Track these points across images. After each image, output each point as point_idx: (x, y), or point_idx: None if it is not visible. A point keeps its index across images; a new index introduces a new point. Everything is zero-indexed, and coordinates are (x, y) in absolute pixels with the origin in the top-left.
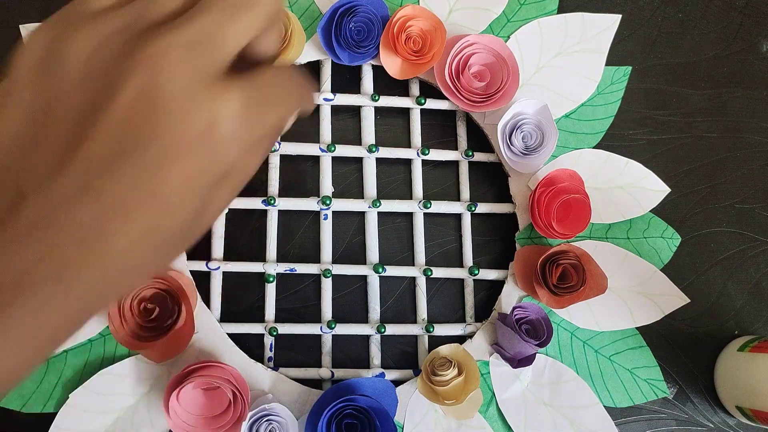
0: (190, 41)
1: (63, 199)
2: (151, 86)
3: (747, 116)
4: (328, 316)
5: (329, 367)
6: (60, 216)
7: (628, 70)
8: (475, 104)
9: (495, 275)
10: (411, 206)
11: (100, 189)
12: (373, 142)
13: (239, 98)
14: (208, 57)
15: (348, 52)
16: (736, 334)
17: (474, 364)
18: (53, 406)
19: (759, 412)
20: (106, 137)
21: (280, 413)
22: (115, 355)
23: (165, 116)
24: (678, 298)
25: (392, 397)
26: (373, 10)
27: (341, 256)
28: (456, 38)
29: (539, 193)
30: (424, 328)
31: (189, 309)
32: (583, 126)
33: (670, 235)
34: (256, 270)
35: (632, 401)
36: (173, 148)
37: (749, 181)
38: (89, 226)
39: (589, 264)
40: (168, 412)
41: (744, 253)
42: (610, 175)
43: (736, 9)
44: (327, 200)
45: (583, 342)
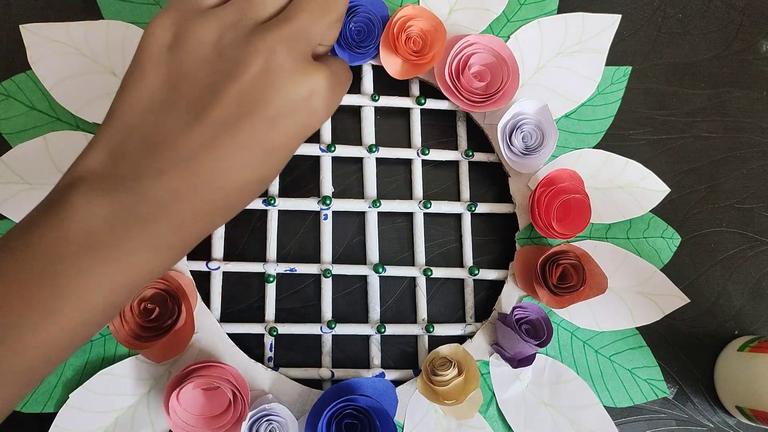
0: (292, 35)
1: (198, 145)
2: (267, 67)
3: (747, 116)
4: (328, 316)
5: (329, 367)
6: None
7: (628, 70)
8: (475, 104)
9: (495, 275)
10: (411, 206)
11: (227, 139)
12: (373, 142)
13: (328, 77)
14: (304, 46)
15: (348, 52)
16: (736, 334)
17: (474, 364)
18: (53, 406)
19: (759, 412)
20: (233, 101)
21: (280, 413)
22: (115, 355)
23: (279, 88)
24: (678, 298)
25: (392, 397)
26: (373, 10)
27: (341, 256)
28: (456, 38)
29: (539, 193)
30: (424, 328)
31: (189, 309)
32: (583, 126)
33: (670, 235)
34: (256, 270)
35: (632, 401)
36: (286, 109)
37: (749, 181)
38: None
39: (589, 264)
40: (168, 412)
41: (744, 253)
42: (610, 175)
43: (736, 9)
44: (327, 200)
45: (583, 342)
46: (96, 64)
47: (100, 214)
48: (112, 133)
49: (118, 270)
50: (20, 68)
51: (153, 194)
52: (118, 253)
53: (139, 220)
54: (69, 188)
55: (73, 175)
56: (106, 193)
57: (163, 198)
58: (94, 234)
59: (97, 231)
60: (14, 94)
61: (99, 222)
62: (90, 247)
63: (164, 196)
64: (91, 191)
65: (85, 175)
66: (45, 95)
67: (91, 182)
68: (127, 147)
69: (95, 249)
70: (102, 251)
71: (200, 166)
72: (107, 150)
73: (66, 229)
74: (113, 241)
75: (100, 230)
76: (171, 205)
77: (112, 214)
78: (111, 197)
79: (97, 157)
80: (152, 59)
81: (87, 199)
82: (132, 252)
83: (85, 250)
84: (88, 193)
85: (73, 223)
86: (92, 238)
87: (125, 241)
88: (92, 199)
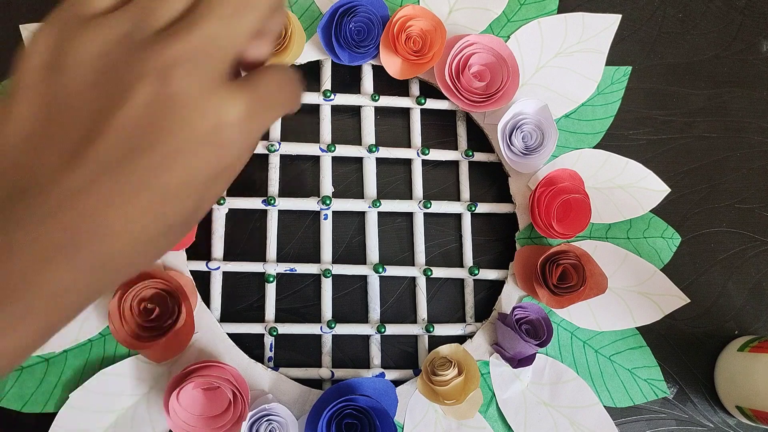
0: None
1: (76, 190)
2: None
3: (747, 116)
4: (328, 316)
5: (329, 367)
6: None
7: (628, 70)
8: (475, 104)
9: (495, 275)
10: (411, 206)
11: (111, 182)
12: (373, 142)
13: (243, 102)
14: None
15: (348, 52)
16: (736, 334)
17: (474, 364)
18: (53, 406)
19: (759, 412)
20: (119, 135)
21: (280, 413)
22: (115, 355)
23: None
24: (678, 298)
25: (392, 397)
26: (373, 10)
27: (341, 256)
28: (456, 38)
29: (539, 193)
30: (424, 328)
31: (189, 309)
32: (583, 126)
33: (670, 235)
34: (256, 270)
35: (632, 401)
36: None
37: (749, 181)
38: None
39: (589, 264)
40: (168, 412)
41: (744, 253)
42: (610, 175)
43: (736, 9)
44: (327, 200)
45: (583, 342)
46: None
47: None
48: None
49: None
50: None
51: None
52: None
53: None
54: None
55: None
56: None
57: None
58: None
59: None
60: None
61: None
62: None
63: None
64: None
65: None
66: None
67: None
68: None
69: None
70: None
71: (78, 217)
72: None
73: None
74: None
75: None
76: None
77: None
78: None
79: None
80: (26, 84)
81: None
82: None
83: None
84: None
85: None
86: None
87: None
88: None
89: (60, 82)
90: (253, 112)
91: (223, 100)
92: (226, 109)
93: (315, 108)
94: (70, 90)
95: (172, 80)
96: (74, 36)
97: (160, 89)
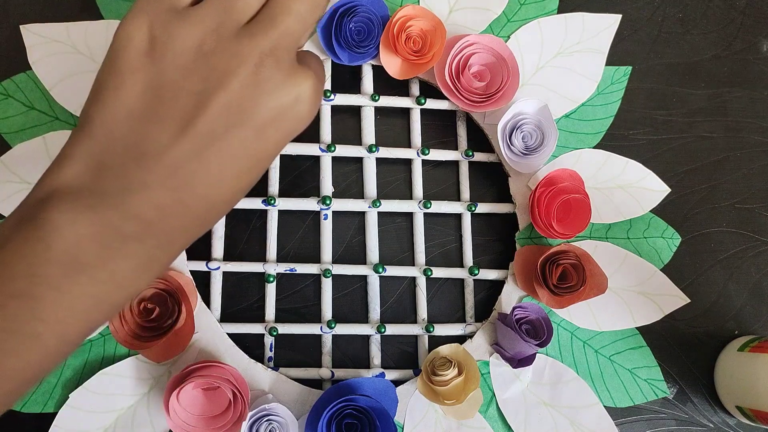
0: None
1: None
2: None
3: (747, 116)
4: (328, 316)
5: (329, 367)
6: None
7: (628, 70)
8: (475, 104)
9: (495, 275)
10: (411, 206)
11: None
12: (373, 142)
13: (311, 80)
14: (290, 52)
15: (348, 52)
16: (736, 334)
17: (474, 364)
18: (53, 406)
19: (759, 412)
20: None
21: (280, 413)
22: (115, 355)
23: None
24: (678, 298)
25: (392, 397)
26: (373, 10)
27: (341, 256)
28: (456, 38)
29: (539, 193)
30: (424, 328)
31: (189, 309)
32: (583, 126)
33: (670, 235)
34: (256, 270)
35: (632, 401)
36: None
37: (749, 181)
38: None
39: (589, 264)
40: (168, 412)
41: (744, 253)
42: (610, 175)
43: (736, 9)
44: (327, 200)
45: (583, 342)
46: (96, 64)
47: (83, 232)
48: (90, 144)
49: (101, 291)
50: (20, 68)
51: (139, 211)
52: (101, 273)
53: (125, 239)
54: (45, 204)
55: (48, 188)
56: (88, 210)
57: (149, 215)
58: (77, 254)
59: (79, 251)
60: (14, 94)
61: (81, 241)
62: (72, 268)
63: (151, 212)
64: (72, 208)
65: (62, 189)
66: (44, 95)
67: (71, 197)
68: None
69: (77, 270)
70: (85, 272)
71: (188, 180)
72: (85, 161)
73: (46, 248)
74: (97, 262)
75: (83, 250)
76: (158, 221)
77: (95, 232)
78: (94, 214)
79: (74, 169)
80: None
81: (67, 217)
82: (116, 272)
83: (66, 270)
84: (68, 211)
85: (54, 242)
86: (74, 258)
87: (110, 261)
88: (73, 216)
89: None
90: (316, 87)
91: (299, 81)
92: (303, 86)
93: None
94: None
95: (263, 68)
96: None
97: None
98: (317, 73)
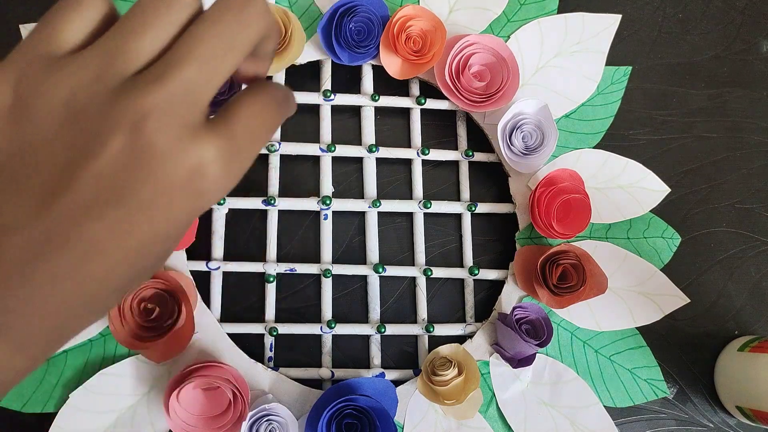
0: (171, 98)
1: (43, 241)
2: (136, 143)
3: (747, 116)
4: (328, 316)
5: (329, 367)
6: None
7: (628, 70)
8: (475, 104)
9: (495, 275)
10: (411, 206)
11: (82, 233)
12: (373, 142)
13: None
14: (187, 111)
15: (348, 52)
16: (736, 334)
17: (474, 364)
18: (53, 406)
19: (759, 412)
20: (92, 185)
21: (280, 413)
22: (115, 355)
23: (149, 169)
24: (678, 298)
25: (392, 397)
26: (373, 10)
27: (341, 256)
28: (456, 38)
29: (539, 193)
30: (424, 328)
31: (189, 309)
32: (583, 126)
33: (670, 235)
34: (256, 270)
35: (632, 401)
36: (158, 197)
37: (749, 181)
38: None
39: (589, 264)
40: (168, 412)
41: (744, 253)
42: (610, 175)
43: (736, 9)
44: (327, 200)
45: (583, 342)
46: None
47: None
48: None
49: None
50: None
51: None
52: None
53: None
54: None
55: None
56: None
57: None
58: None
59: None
60: None
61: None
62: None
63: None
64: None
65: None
66: None
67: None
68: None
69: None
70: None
71: (47, 271)
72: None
73: None
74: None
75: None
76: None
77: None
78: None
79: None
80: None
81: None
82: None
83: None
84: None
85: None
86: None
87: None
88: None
89: (26, 130)
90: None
91: (198, 148)
92: (202, 156)
93: (315, 108)
94: (38, 138)
95: (146, 131)
96: (40, 80)
97: (133, 141)
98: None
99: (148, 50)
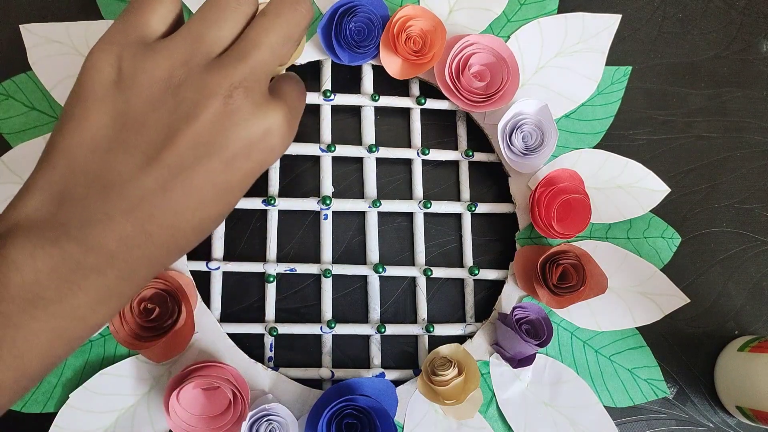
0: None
1: (151, 189)
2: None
3: (747, 116)
4: (328, 316)
5: (329, 367)
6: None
7: (628, 70)
8: (475, 104)
9: (495, 275)
10: (411, 206)
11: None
12: (373, 142)
13: (285, 113)
14: (261, 84)
15: (348, 52)
16: (736, 334)
17: (474, 364)
18: (53, 406)
19: (759, 412)
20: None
21: (280, 413)
22: (115, 355)
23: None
24: (678, 298)
25: (392, 397)
26: (373, 10)
27: (341, 256)
28: (456, 38)
29: (539, 193)
30: (424, 328)
31: (189, 309)
32: (583, 126)
33: (670, 235)
34: (256, 270)
35: (632, 401)
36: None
37: (749, 181)
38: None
39: (589, 264)
40: (168, 412)
41: (744, 253)
42: (610, 175)
43: (736, 9)
44: (327, 200)
45: (583, 342)
46: None
47: (43, 267)
48: (53, 175)
49: (60, 325)
50: (20, 68)
51: (101, 243)
52: (60, 308)
53: (86, 273)
54: (5, 238)
55: (8, 222)
56: (48, 244)
57: (112, 247)
58: (36, 289)
59: (39, 286)
60: (14, 95)
61: (41, 276)
62: (30, 303)
63: (113, 244)
64: (31, 242)
65: (22, 223)
66: (45, 95)
67: (31, 231)
68: (70, 190)
69: (36, 305)
70: (44, 308)
71: (152, 211)
72: (48, 193)
73: (4, 285)
74: (56, 296)
75: (43, 285)
76: (121, 254)
77: (55, 266)
78: (53, 248)
79: (36, 201)
80: (97, 96)
81: (26, 253)
82: (76, 306)
83: (24, 306)
84: (27, 246)
85: (12, 279)
86: (33, 294)
87: (69, 295)
88: (32, 251)
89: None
90: (289, 119)
91: (269, 113)
92: (273, 119)
93: (315, 108)
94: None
95: (233, 99)
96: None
97: (223, 107)
98: (291, 104)
99: (225, 37)
